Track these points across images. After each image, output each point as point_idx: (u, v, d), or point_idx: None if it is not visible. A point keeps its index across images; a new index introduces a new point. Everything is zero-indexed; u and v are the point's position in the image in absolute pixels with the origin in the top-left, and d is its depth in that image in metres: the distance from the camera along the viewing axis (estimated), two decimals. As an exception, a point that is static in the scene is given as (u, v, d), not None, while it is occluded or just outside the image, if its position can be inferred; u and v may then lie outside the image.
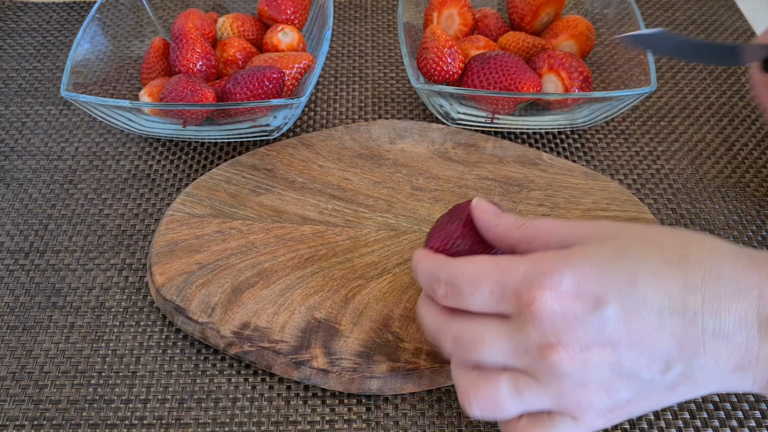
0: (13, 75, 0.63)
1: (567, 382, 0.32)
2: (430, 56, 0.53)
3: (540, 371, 0.32)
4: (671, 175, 0.53)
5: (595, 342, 0.31)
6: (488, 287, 0.33)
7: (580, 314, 0.31)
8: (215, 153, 0.55)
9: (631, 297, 0.31)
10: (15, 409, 0.40)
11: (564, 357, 0.31)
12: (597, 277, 0.32)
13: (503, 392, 0.33)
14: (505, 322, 0.33)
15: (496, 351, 0.33)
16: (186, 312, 0.42)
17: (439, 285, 0.35)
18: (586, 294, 0.31)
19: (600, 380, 0.32)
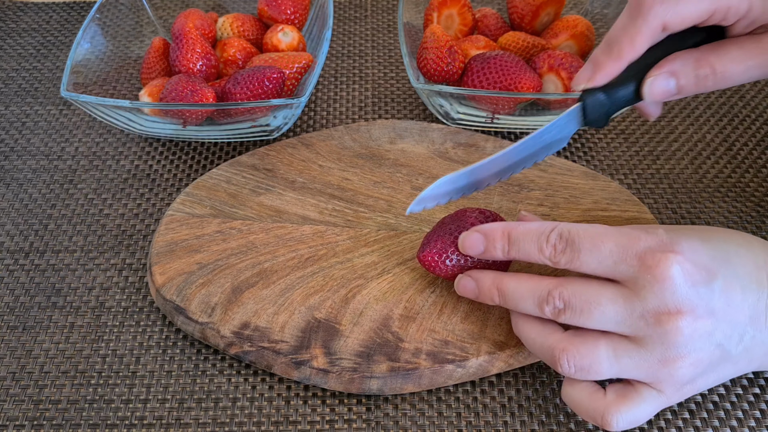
0: (13, 75, 0.63)
1: (672, 351, 0.33)
2: (430, 56, 0.53)
3: (649, 338, 0.33)
4: (671, 175, 0.53)
5: (704, 312, 0.33)
6: (609, 246, 0.34)
7: (699, 283, 0.33)
8: (215, 153, 0.55)
9: (730, 272, 0.34)
10: (15, 409, 0.40)
11: (682, 325, 0.33)
12: (705, 251, 0.34)
13: (602, 354, 0.34)
14: (619, 286, 0.34)
15: (610, 313, 0.34)
16: (186, 312, 0.42)
17: (561, 240, 0.35)
18: (702, 265, 0.34)
19: (697, 351, 0.34)
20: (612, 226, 0.37)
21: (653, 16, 0.35)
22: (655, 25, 0.36)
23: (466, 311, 0.42)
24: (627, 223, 0.47)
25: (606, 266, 0.34)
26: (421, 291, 0.43)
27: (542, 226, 0.36)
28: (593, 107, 0.38)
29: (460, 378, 0.40)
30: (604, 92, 0.38)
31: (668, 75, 0.37)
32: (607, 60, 0.37)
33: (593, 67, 0.38)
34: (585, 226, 0.36)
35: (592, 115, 0.38)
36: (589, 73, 0.38)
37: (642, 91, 0.38)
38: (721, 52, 0.37)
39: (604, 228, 0.35)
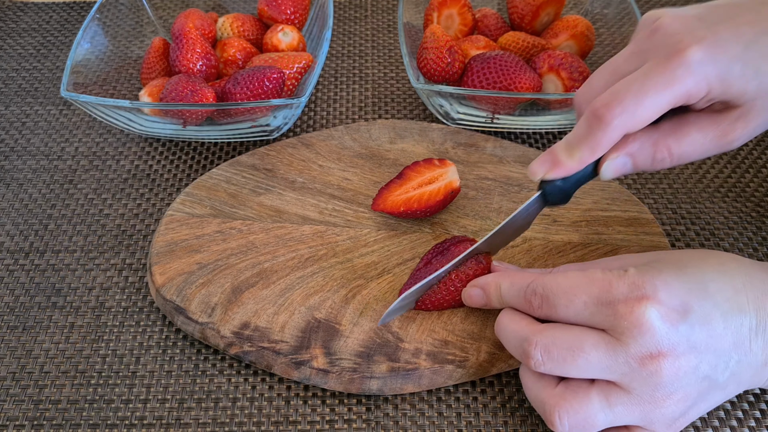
0: (13, 75, 0.63)
1: (660, 391, 0.33)
2: (430, 56, 0.53)
3: (636, 382, 0.33)
4: (671, 175, 0.53)
5: (686, 349, 0.33)
6: (582, 300, 0.35)
7: (675, 322, 0.33)
8: (215, 153, 0.55)
9: (707, 303, 0.34)
10: (15, 409, 0.40)
11: (665, 366, 0.33)
12: (679, 285, 0.34)
13: (595, 405, 0.34)
14: (600, 332, 0.34)
15: (594, 360, 0.34)
16: (186, 312, 0.42)
17: (535, 297, 0.36)
18: (676, 303, 0.34)
19: (685, 388, 0.34)
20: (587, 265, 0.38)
21: (613, 129, 0.35)
22: (616, 136, 0.36)
23: (466, 311, 0.42)
24: (627, 223, 0.47)
25: (583, 318, 0.35)
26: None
27: (522, 280, 0.38)
28: (552, 193, 0.39)
29: (460, 378, 0.40)
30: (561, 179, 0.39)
31: (625, 157, 0.38)
32: (568, 161, 0.38)
33: (552, 163, 0.38)
34: (558, 278, 0.36)
35: (552, 198, 0.40)
36: (547, 166, 0.38)
37: (600, 171, 0.38)
38: (680, 134, 0.37)
39: (576, 278, 0.35)
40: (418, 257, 0.45)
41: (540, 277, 0.37)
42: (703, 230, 0.49)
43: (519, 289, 0.38)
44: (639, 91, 0.35)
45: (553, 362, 0.34)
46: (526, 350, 0.35)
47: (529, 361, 0.35)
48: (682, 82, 0.34)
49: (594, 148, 0.37)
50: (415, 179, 0.47)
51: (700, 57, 0.34)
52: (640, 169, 0.38)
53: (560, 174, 0.38)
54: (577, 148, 0.37)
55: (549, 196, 0.39)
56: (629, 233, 0.46)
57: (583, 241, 0.46)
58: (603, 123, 0.35)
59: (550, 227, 0.47)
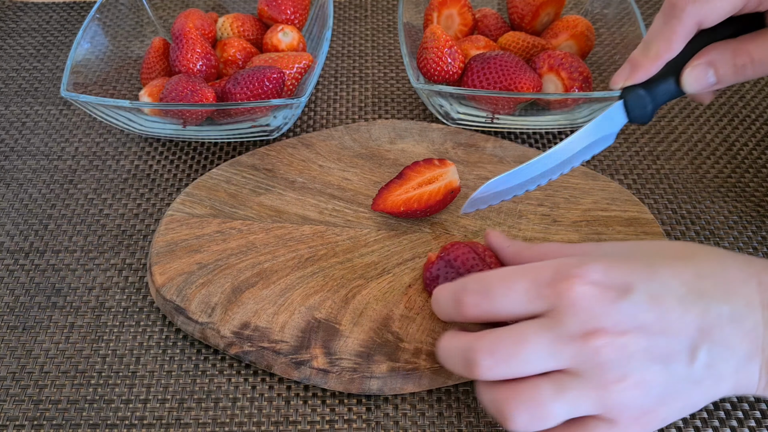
0: (13, 75, 0.63)
1: (609, 373, 0.32)
2: (430, 56, 0.53)
3: (584, 363, 0.32)
4: (671, 175, 0.53)
5: (630, 327, 0.32)
6: (521, 285, 0.34)
7: (614, 299, 0.33)
8: (215, 153, 0.55)
9: (654, 283, 0.33)
10: (15, 409, 0.40)
11: (606, 341, 0.32)
12: (621, 266, 0.34)
13: (546, 394, 0.33)
14: (541, 319, 0.34)
15: (539, 347, 0.33)
16: (186, 312, 0.42)
17: (468, 293, 0.35)
18: (614, 282, 0.33)
19: (638, 370, 0.32)
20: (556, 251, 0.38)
21: (687, 16, 0.36)
22: (690, 25, 0.36)
23: (466, 311, 0.42)
24: (627, 223, 0.47)
25: (523, 305, 0.34)
26: (421, 291, 0.43)
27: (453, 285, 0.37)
28: (635, 103, 0.39)
29: (460, 378, 0.40)
30: (644, 88, 0.39)
31: (706, 66, 0.38)
32: (645, 60, 0.38)
33: (631, 67, 0.38)
34: (493, 271, 0.36)
35: (635, 110, 0.39)
36: (627, 72, 0.39)
37: (682, 83, 0.38)
38: (760, 40, 0.37)
39: (512, 268, 0.35)
40: (418, 257, 0.45)
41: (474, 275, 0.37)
42: (703, 230, 0.49)
43: (451, 292, 0.37)
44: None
45: (500, 363, 0.33)
46: (471, 359, 0.34)
47: (476, 369, 0.33)
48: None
49: (670, 39, 0.37)
50: (415, 179, 0.47)
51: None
52: (723, 81, 0.38)
53: (641, 76, 0.38)
54: (653, 42, 0.37)
55: (631, 106, 0.39)
56: (629, 233, 0.46)
57: (583, 240, 0.46)
58: (677, 10, 0.36)
59: (550, 227, 0.47)
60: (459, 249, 0.42)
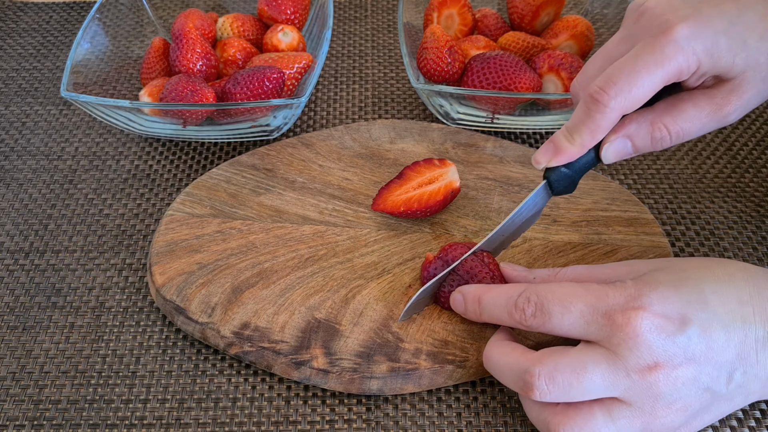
0: (13, 75, 0.63)
1: (660, 403, 0.34)
2: (430, 56, 0.53)
3: (637, 395, 0.33)
4: (671, 175, 0.53)
5: (683, 360, 0.33)
6: (578, 308, 0.35)
7: (672, 333, 0.33)
8: (215, 153, 0.55)
9: (706, 314, 0.34)
10: (15, 409, 0.40)
11: (662, 377, 0.33)
12: (677, 297, 0.34)
13: (599, 421, 0.34)
14: (600, 349, 0.34)
15: (598, 379, 0.34)
16: (186, 312, 0.42)
17: (529, 305, 0.36)
18: (672, 314, 0.34)
19: (684, 398, 0.34)
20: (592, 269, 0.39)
21: (611, 111, 0.36)
22: (614, 117, 0.37)
23: (466, 311, 0.42)
24: (627, 223, 0.47)
25: (578, 328, 0.35)
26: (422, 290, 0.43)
27: (510, 291, 0.38)
28: (558, 181, 0.40)
29: (460, 378, 0.40)
30: (565, 166, 0.40)
31: (624, 139, 0.39)
32: (569, 147, 0.39)
33: (554, 150, 0.39)
34: (553, 287, 0.36)
35: (558, 187, 0.40)
36: (550, 154, 0.39)
37: (601, 156, 0.39)
38: (676, 112, 0.38)
39: (572, 287, 0.36)
40: (419, 257, 0.45)
41: (533, 286, 0.37)
42: (703, 230, 0.49)
43: (506, 299, 0.37)
44: (632, 71, 0.36)
45: (559, 389, 0.34)
46: (528, 382, 0.34)
47: (533, 392, 0.34)
48: (673, 58, 0.35)
49: (594, 131, 0.37)
50: (415, 179, 0.47)
51: (687, 33, 0.35)
52: (641, 151, 0.39)
53: (563, 160, 0.39)
54: (577, 133, 0.38)
55: (555, 183, 0.40)
56: (629, 233, 0.46)
57: (583, 241, 0.46)
58: (600, 105, 0.36)
59: (550, 227, 0.47)
60: (457, 249, 0.42)
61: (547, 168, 0.40)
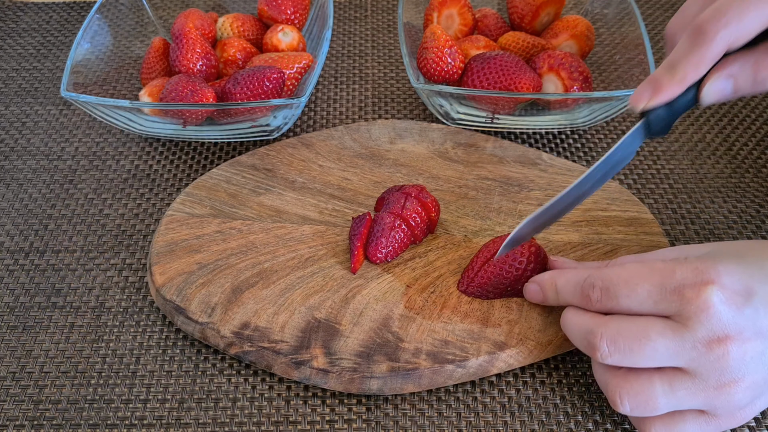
0: (13, 75, 0.63)
1: (726, 376, 0.33)
2: (430, 56, 0.53)
3: (703, 366, 0.33)
4: (671, 175, 0.53)
5: (752, 333, 0.33)
6: (645, 288, 0.35)
7: (740, 305, 0.33)
8: (215, 153, 0.55)
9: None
10: (15, 409, 0.40)
11: (732, 349, 0.33)
12: (742, 270, 0.34)
13: (657, 390, 0.34)
14: (665, 320, 0.34)
15: (661, 348, 0.34)
16: (186, 312, 0.42)
17: (594, 290, 0.36)
18: (740, 287, 0.33)
19: (751, 374, 0.33)
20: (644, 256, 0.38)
21: (717, 43, 0.36)
22: (720, 50, 0.36)
23: (466, 311, 0.42)
24: (627, 223, 0.47)
25: (648, 306, 0.35)
26: (421, 291, 0.43)
27: (578, 276, 0.38)
28: (656, 121, 0.39)
29: (460, 378, 0.40)
30: (665, 105, 0.39)
31: (727, 79, 0.38)
32: (670, 83, 0.38)
33: (654, 89, 0.38)
34: (617, 270, 0.36)
35: (655, 128, 0.39)
36: (649, 93, 0.38)
37: (700, 96, 0.38)
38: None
39: (636, 268, 0.36)
40: (419, 257, 0.45)
41: (597, 270, 0.37)
42: (703, 230, 0.49)
43: (575, 284, 0.38)
44: (741, 4, 0.35)
45: (620, 353, 0.34)
46: (591, 342, 0.35)
47: (595, 353, 0.35)
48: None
49: (697, 64, 0.37)
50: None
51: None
52: (741, 92, 0.38)
53: (664, 98, 0.38)
54: (679, 66, 0.37)
55: (653, 123, 0.39)
56: (629, 233, 0.46)
57: (583, 241, 0.46)
58: (707, 37, 0.36)
59: (549, 227, 0.47)
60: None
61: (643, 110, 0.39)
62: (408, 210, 0.44)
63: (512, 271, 0.42)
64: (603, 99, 0.51)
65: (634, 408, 0.35)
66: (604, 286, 0.36)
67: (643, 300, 0.35)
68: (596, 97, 0.51)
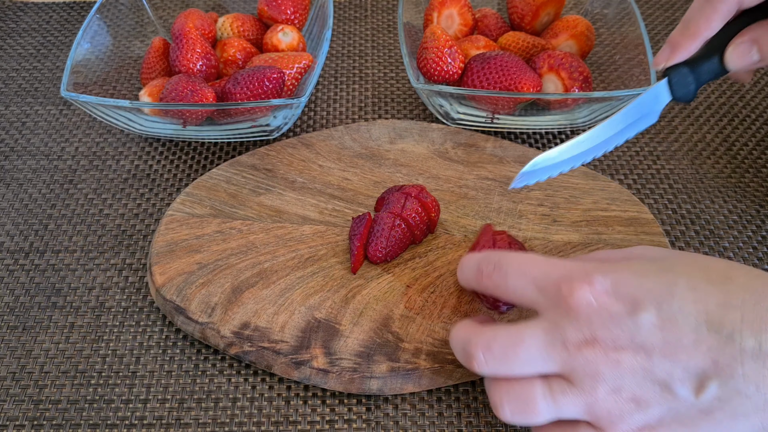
0: (13, 75, 0.63)
1: (601, 385, 0.32)
2: (430, 56, 0.53)
3: (576, 371, 0.32)
4: (671, 175, 0.53)
5: (629, 344, 0.32)
6: (533, 274, 0.34)
7: (616, 314, 0.32)
8: (215, 153, 0.55)
9: (668, 306, 0.32)
10: (15, 409, 0.40)
11: (599, 353, 0.32)
12: (636, 283, 0.32)
13: (537, 395, 0.33)
14: (540, 321, 0.34)
15: (534, 350, 0.33)
16: (186, 312, 0.42)
17: (488, 264, 0.36)
18: (623, 296, 0.32)
19: (632, 387, 0.32)
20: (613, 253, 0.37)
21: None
22: (732, 3, 0.37)
23: (466, 311, 0.42)
24: (627, 223, 0.47)
25: (530, 293, 0.34)
26: (421, 291, 0.43)
27: (480, 255, 0.37)
28: (679, 81, 0.39)
29: (460, 378, 0.40)
30: (688, 66, 0.39)
31: (751, 43, 0.38)
32: (683, 39, 0.38)
33: (671, 47, 0.39)
34: (519, 254, 0.36)
35: (678, 89, 0.40)
36: (667, 52, 0.39)
37: (725, 59, 0.39)
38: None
39: (534, 257, 0.35)
40: (419, 257, 0.45)
41: (498, 251, 0.37)
42: (703, 230, 0.49)
43: (476, 260, 0.37)
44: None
45: (496, 360, 0.33)
46: (468, 352, 0.34)
47: (473, 363, 0.34)
48: None
49: (709, 18, 0.37)
50: None
51: None
52: (766, 59, 0.38)
53: (681, 56, 0.39)
54: (691, 21, 0.38)
55: (675, 84, 0.39)
56: (629, 233, 0.46)
57: (583, 241, 0.46)
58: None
59: (550, 227, 0.47)
60: None
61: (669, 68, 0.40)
62: (408, 210, 0.44)
63: None
64: (603, 99, 0.51)
65: (515, 412, 0.34)
66: (499, 262, 0.35)
67: (527, 284, 0.34)
68: (596, 97, 0.51)
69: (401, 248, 0.44)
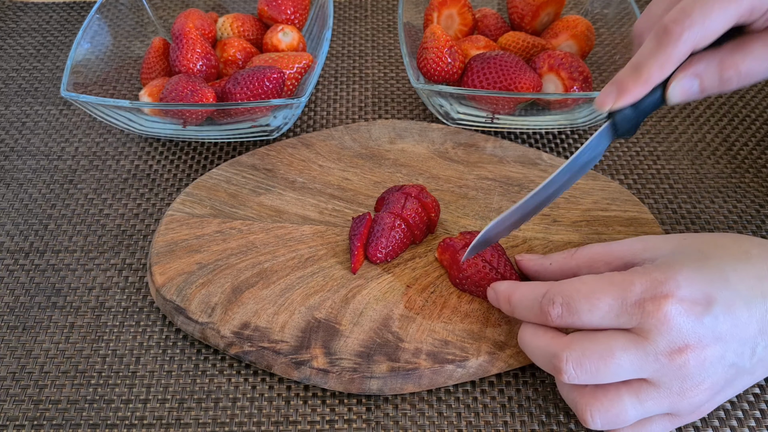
0: (13, 75, 0.63)
1: (688, 382, 0.34)
2: (430, 56, 0.53)
3: (666, 377, 0.34)
4: (671, 175, 0.53)
5: (711, 340, 0.34)
6: (606, 303, 0.35)
7: (698, 315, 0.34)
8: (215, 153, 0.55)
9: (729, 292, 0.34)
10: (15, 409, 0.40)
11: (692, 358, 0.34)
12: (701, 278, 0.34)
13: (626, 403, 0.35)
14: (629, 334, 0.35)
15: (626, 363, 0.34)
16: (186, 312, 0.42)
17: (554, 306, 0.36)
18: (699, 296, 0.34)
19: (712, 376, 0.34)
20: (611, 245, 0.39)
21: (683, 43, 0.36)
22: (685, 51, 0.37)
23: (466, 311, 0.42)
24: (627, 223, 0.47)
25: (609, 321, 0.35)
26: (421, 291, 0.43)
27: (535, 291, 0.37)
28: (622, 122, 0.39)
29: (460, 378, 0.40)
30: (631, 106, 0.39)
31: (692, 77, 0.38)
32: (635, 85, 0.38)
33: (618, 90, 0.38)
34: (576, 284, 0.36)
35: (622, 129, 0.39)
36: (614, 95, 0.38)
37: (667, 95, 0.38)
38: (745, 51, 0.38)
39: (595, 281, 0.36)
40: (419, 257, 0.45)
41: (555, 285, 0.37)
42: (703, 230, 0.49)
43: (533, 300, 0.37)
44: (705, 4, 0.35)
45: (587, 374, 0.35)
46: (557, 366, 0.35)
47: (561, 376, 0.35)
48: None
49: (663, 64, 0.37)
50: None
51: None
52: (707, 92, 0.38)
53: (629, 100, 0.38)
54: (644, 67, 0.37)
55: (620, 124, 0.39)
56: (629, 233, 0.46)
57: (583, 240, 0.46)
58: (673, 37, 0.36)
59: (550, 227, 0.47)
60: None
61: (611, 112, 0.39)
62: (408, 210, 0.44)
63: (485, 270, 0.42)
64: (603, 99, 0.51)
65: (606, 423, 0.35)
66: (565, 301, 0.36)
67: (604, 314, 0.35)
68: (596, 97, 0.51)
69: (401, 248, 0.44)
